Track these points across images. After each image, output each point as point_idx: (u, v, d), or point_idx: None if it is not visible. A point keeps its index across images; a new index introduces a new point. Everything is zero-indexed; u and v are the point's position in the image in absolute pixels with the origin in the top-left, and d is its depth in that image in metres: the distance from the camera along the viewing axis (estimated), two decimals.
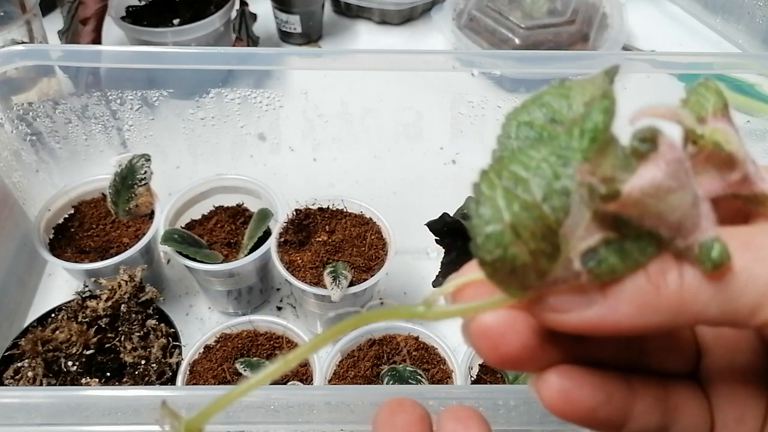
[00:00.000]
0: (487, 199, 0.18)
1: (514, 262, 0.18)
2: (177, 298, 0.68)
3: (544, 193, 0.17)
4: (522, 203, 0.17)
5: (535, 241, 0.18)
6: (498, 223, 0.18)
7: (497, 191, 0.18)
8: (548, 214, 0.17)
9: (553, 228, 0.17)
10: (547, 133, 0.20)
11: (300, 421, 0.38)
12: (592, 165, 0.17)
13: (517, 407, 0.37)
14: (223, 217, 0.67)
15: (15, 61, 0.57)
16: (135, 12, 0.87)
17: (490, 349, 0.20)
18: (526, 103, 0.21)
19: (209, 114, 0.65)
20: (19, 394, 0.39)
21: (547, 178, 0.17)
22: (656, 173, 0.17)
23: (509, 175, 0.18)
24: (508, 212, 0.18)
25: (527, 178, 0.18)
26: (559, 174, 0.17)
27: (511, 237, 0.18)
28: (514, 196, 0.18)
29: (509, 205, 0.18)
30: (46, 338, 0.53)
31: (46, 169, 0.67)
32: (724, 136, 0.19)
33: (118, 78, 0.62)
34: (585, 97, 0.20)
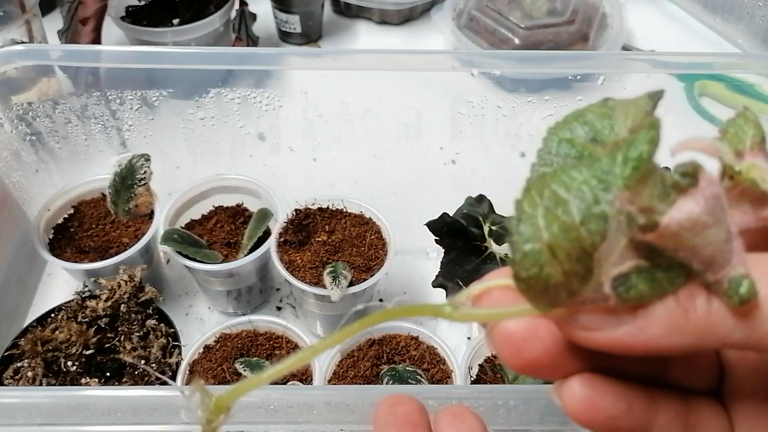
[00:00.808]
0: (528, 217, 0.18)
1: (548, 280, 0.18)
2: (177, 298, 0.68)
3: (583, 216, 0.18)
4: (561, 225, 0.18)
5: (570, 263, 0.18)
6: (537, 242, 0.18)
7: (538, 210, 0.18)
8: (585, 237, 0.18)
9: (588, 251, 0.18)
10: (588, 152, 0.20)
11: (300, 421, 0.38)
12: (632, 193, 0.17)
13: (516, 407, 0.37)
14: (223, 217, 0.67)
15: (14, 60, 0.57)
16: (135, 12, 0.87)
17: (512, 354, 0.21)
18: (568, 119, 0.22)
19: (209, 114, 0.65)
20: (18, 394, 0.39)
21: (587, 202, 0.18)
22: (694, 208, 0.17)
23: (550, 194, 0.18)
24: (547, 232, 0.18)
25: (567, 199, 0.18)
26: (599, 198, 0.18)
27: (547, 257, 0.18)
28: (554, 216, 0.18)
29: (549, 225, 0.18)
30: (46, 338, 0.53)
31: (45, 169, 0.67)
32: (761, 173, 0.19)
33: (117, 78, 0.62)
34: (628, 119, 0.20)
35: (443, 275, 0.58)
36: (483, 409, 0.37)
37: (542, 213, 0.18)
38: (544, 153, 0.21)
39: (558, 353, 0.21)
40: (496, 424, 0.38)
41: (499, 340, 0.21)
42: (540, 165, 0.21)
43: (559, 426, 0.38)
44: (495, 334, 0.21)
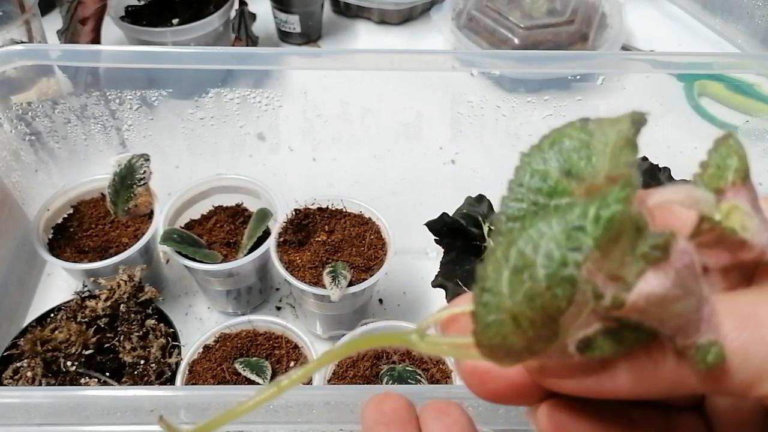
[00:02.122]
0: (492, 285, 0.18)
1: (511, 347, 0.18)
2: (176, 298, 0.68)
3: (549, 280, 0.17)
4: (526, 291, 0.17)
5: (534, 329, 0.17)
6: (500, 312, 0.18)
7: (503, 275, 0.17)
8: (551, 304, 0.17)
9: (553, 317, 0.17)
10: (561, 189, 0.19)
11: (299, 421, 0.38)
12: (602, 253, 0.17)
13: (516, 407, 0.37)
14: (223, 217, 0.67)
15: (14, 60, 0.57)
16: (134, 12, 0.87)
17: (477, 385, 0.21)
18: (542, 146, 0.20)
19: (208, 114, 0.66)
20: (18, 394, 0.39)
21: (554, 263, 0.17)
22: (664, 283, 0.17)
23: (517, 255, 0.17)
24: (511, 301, 0.17)
25: (534, 260, 0.17)
26: (567, 260, 0.17)
27: (511, 327, 0.18)
28: (520, 282, 0.17)
29: (513, 293, 0.17)
30: (46, 338, 0.53)
31: (45, 169, 0.67)
32: (741, 219, 0.19)
33: (117, 78, 0.62)
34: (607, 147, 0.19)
35: (443, 275, 0.58)
36: (482, 409, 0.37)
37: (507, 279, 0.17)
38: (515, 185, 0.20)
39: (524, 384, 0.20)
40: (496, 424, 0.38)
41: (464, 371, 0.21)
42: (510, 199, 0.20)
43: None
44: (461, 364, 0.21)
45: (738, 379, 0.18)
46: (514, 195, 0.20)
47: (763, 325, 0.18)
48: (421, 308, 0.67)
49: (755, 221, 0.18)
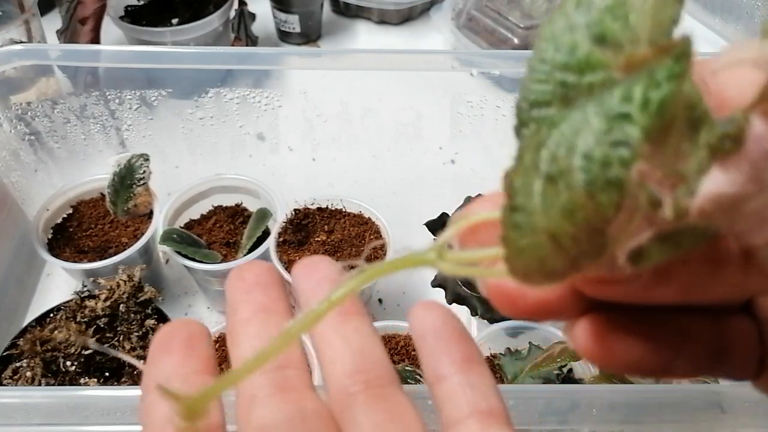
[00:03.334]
0: (523, 200, 0.15)
1: (551, 270, 0.15)
2: (176, 298, 0.68)
3: (591, 187, 0.14)
4: (564, 204, 0.14)
5: (577, 247, 0.15)
6: (535, 234, 0.15)
7: (534, 187, 0.14)
8: (595, 215, 0.14)
9: (600, 229, 0.14)
10: (595, 60, 0.15)
11: None
12: (654, 146, 0.13)
13: (515, 407, 0.37)
14: (222, 217, 0.67)
15: (13, 60, 0.57)
16: (134, 11, 0.87)
17: (507, 305, 0.19)
18: (566, 8, 0.16)
19: (208, 114, 0.65)
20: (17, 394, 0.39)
21: (595, 165, 0.14)
22: (737, 179, 0.14)
23: (549, 159, 0.14)
24: (546, 218, 0.14)
25: (570, 165, 0.14)
26: (610, 160, 0.13)
27: (549, 248, 0.15)
28: (555, 193, 0.14)
29: (548, 208, 0.14)
30: (45, 338, 0.53)
31: (44, 169, 0.67)
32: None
33: (116, 78, 0.62)
34: (647, 1, 0.15)
35: (442, 275, 0.58)
36: None
37: (540, 191, 0.14)
38: (537, 62, 0.16)
39: (560, 298, 0.18)
40: None
41: (491, 292, 0.19)
42: (532, 80, 0.16)
43: (558, 425, 0.38)
44: (486, 283, 0.19)
45: None
46: (537, 75, 0.16)
47: None
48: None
49: None
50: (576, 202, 0.14)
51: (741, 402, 0.37)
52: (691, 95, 0.14)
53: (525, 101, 0.16)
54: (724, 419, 0.37)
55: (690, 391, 0.40)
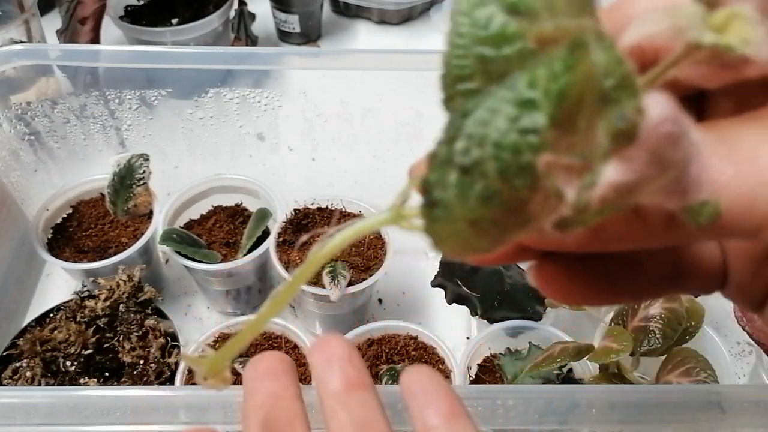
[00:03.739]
0: (440, 193, 0.15)
1: (479, 248, 0.16)
2: (176, 298, 0.68)
3: (504, 174, 0.14)
4: (480, 193, 0.14)
5: (499, 227, 0.15)
6: (455, 223, 0.15)
7: (448, 180, 0.15)
8: (511, 198, 0.14)
9: (519, 208, 0.15)
10: (511, 32, 0.15)
11: None
12: (561, 131, 0.14)
13: (515, 407, 0.37)
14: (222, 217, 0.67)
15: (13, 60, 0.57)
16: (133, 11, 0.87)
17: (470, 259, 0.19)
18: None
19: (208, 114, 0.65)
20: (17, 394, 0.39)
21: (506, 153, 0.14)
22: (635, 167, 0.14)
23: (462, 149, 0.14)
24: (463, 208, 0.15)
25: (482, 156, 0.14)
26: (520, 147, 0.14)
27: (471, 233, 0.15)
28: (470, 182, 0.14)
29: (464, 198, 0.15)
30: (45, 338, 0.53)
31: (44, 169, 0.67)
32: (741, 32, 0.14)
33: (116, 77, 0.62)
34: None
35: (442, 275, 0.58)
36: (482, 409, 0.37)
37: (454, 183, 0.15)
38: (455, 36, 0.16)
39: (515, 249, 0.19)
40: (495, 423, 0.38)
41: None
42: (452, 55, 0.16)
43: (557, 426, 0.38)
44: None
45: (742, 229, 0.15)
46: (456, 50, 0.16)
47: (766, 171, 0.15)
48: (421, 308, 0.67)
49: (761, 31, 0.14)
50: (492, 188, 0.14)
51: (741, 402, 0.37)
52: (606, 63, 0.14)
53: (448, 77, 0.16)
54: (724, 419, 0.37)
55: (690, 391, 0.40)
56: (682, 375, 0.46)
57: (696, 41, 0.15)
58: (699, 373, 0.46)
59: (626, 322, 0.49)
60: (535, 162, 0.14)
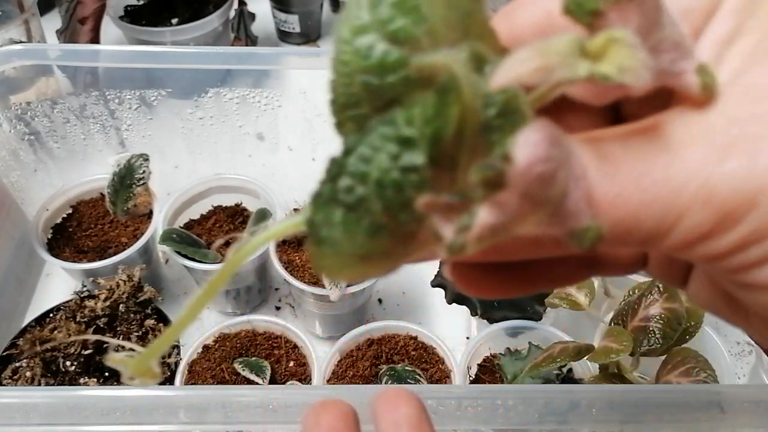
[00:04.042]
0: (325, 231, 0.15)
1: (376, 274, 0.16)
2: (175, 298, 0.68)
3: (389, 210, 0.14)
4: (367, 229, 0.14)
5: (392, 258, 0.15)
6: (345, 258, 0.15)
7: (334, 218, 0.14)
8: (399, 231, 0.14)
9: (407, 238, 0.15)
10: (393, 61, 0.14)
11: (299, 421, 0.38)
12: (440, 168, 0.14)
13: (515, 407, 0.37)
14: (222, 217, 0.67)
15: (13, 60, 0.57)
16: (133, 11, 0.87)
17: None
18: (359, 2, 0.15)
19: (208, 114, 0.65)
20: (17, 394, 0.39)
21: (389, 192, 0.14)
22: (508, 209, 0.14)
23: (346, 188, 0.14)
24: (352, 244, 0.15)
25: (366, 194, 0.14)
26: (402, 185, 0.14)
27: (364, 265, 0.15)
28: (356, 219, 0.14)
29: (352, 235, 0.14)
30: (45, 338, 0.53)
31: (44, 169, 0.67)
32: (619, 59, 0.14)
33: (116, 77, 0.62)
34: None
35: (442, 275, 0.58)
36: (482, 409, 0.37)
37: (340, 221, 0.14)
38: (339, 64, 0.15)
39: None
40: (495, 423, 0.38)
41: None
42: (337, 83, 0.15)
43: (557, 425, 0.38)
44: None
45: (628, 244, 0.16)
46: (341, 79, 0.15)
47: (648, 191, 0.15)
48: (420, 308, 0.67)
49: (640, 56, 0.14)
50: (378, 224, 0.14)
51: (740, 402, 0.37)
52: (484, 93, 0.13)
53: (336, 103, 0.16)
54: (723, 419, 0.37)
55: (690, 391, 0.40)
56: (682, 375, 0.46)
57: (568, 78, 0.14)
58: (699, 373, 0.46)
59: (626, 322, 0.49)
60: (417, 197, 0.14)
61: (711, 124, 0.15)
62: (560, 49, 0.14)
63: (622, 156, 0.15)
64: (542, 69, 0.14)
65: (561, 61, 0.14)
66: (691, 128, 0.15)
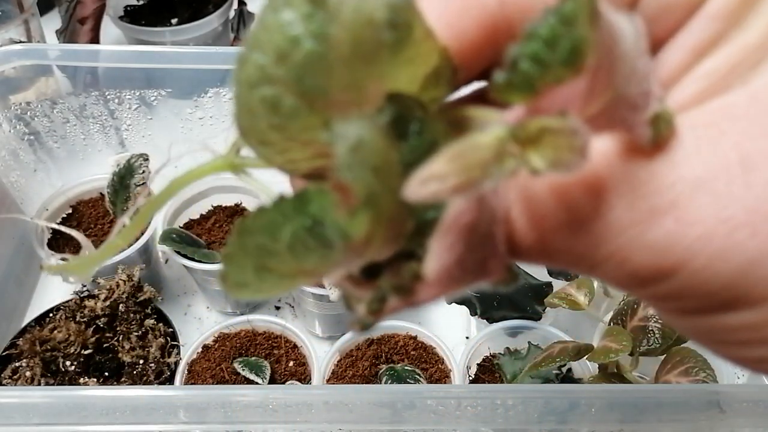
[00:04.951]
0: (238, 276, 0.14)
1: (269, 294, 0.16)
2: (175, 298, 0.68)
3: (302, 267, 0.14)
4: (280, 277, 0.14)
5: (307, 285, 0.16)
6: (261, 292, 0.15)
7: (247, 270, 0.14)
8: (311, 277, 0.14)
9: (320, 278, 0.15)
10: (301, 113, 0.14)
11: (298, 421, 0.38)
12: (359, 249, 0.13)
13: (515, 406, 0.37)
14: (222, 217, 0.67)
15: (13, 60, 0.57)
16: (133, 11, 0.87)
17: None
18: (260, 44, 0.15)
19: (207, 114, 0.65)
20: (17, 393, 0.39)
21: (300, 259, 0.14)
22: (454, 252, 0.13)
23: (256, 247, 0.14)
24: (266, 288, 0.14)
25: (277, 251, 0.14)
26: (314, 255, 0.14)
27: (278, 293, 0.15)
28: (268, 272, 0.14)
29: (263, 283, 0.14)
30: (44, 338, 0.53)
31: (44, 169, 0.67)
32: (553, 151, 0.12)
33: (116, 77, 0.62)
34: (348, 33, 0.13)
35: None
36: (481, 409, 0.37)
37: (253, 271, 0.14)
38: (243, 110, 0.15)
39: None
40: (495, 423, 0.38)
41: None
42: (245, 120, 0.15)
43: (557, 425, 0.38)
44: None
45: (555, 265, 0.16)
46: (250, 121, 0.15)
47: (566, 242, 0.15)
48: (420, 308, 0.67)
49: (577, 143, 0.12)
50: (288, 272, 0.14)
51: (739, 401, 0.37)
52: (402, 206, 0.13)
53: (245, 137, 0.15)
54: (722, 418, 0.37)
55: (689, 391, 0.40)
56: (681, 374, 0.46)
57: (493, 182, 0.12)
58: (698, 372, 0.46)
59: (625, 322, 0.49)
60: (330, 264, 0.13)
61: (648, 180, 0.14)
62: (484, 157, 0.12)
63: (549, 206, 0.14)
64: (463, 186, 0.12)
65: (484, 172, 0.12)
66: (628, 183, 0.14)
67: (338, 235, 0.13)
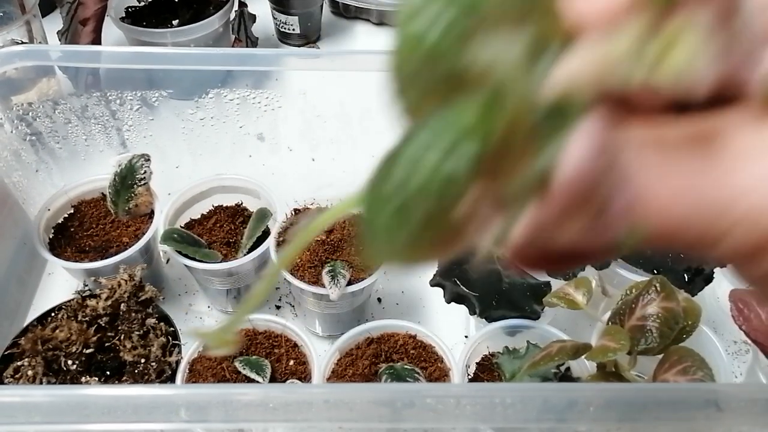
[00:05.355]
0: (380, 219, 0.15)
1: (416, 264, 0.16)
2: (176, 297, 0.68)
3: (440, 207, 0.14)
4: (417, 222, 0.15)
5: (437, 249, 0.15)
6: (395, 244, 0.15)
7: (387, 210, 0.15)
8: (447, 224, 0.14)
9: (455, 232, 0.15)
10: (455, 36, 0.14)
11: (298, 420, 0.38)
12: (490, 165, 0.14)
13: (514, 405, 0.37)
14: (223, 217, 0.67)
15: (15, 61, 0.57)
16: (134, 13, 0.87)
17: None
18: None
19: (208, 114, 0.66)
20: (19, 392, 0.40)
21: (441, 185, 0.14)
22: (549, 215, 0.14)
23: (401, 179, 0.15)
24: (404, 233, 0.15)
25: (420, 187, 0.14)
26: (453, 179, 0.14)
27: (409, 253, 0.16)
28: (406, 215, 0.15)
29: (402, 228, 0.15)
30: (46, 337, 0.54)
31: (45, 169, 0.68)
32: (687, 53, 0.12)
33: (117, 78, 0.63)
34: None
35: (441, 274, 0.58)
36: (480, 407, 0.37)
37: (393, 213, 0.15)
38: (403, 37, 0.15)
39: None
40: (494, 422, 0.38)
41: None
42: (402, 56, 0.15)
43: (555, 423, 0.38)
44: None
45: (675, 246, 0.16)
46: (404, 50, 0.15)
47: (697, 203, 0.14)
48: (419, 307, 0.67)
49: (710, 49, 0.12)
50: (429, 217, 0.14)
51: (737, 401, 0.37)
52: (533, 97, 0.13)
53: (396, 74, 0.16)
54: (720, 418, 0.37)
55: (687, 390, 0.40)
56: (679, 374, 0.46)
57: (624, 83, 0.13)
58: (696, 371, 0.46)
59: (623, 321, 0.50)
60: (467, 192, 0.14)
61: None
62: (622, 52, 0.13)
63: (677, 162, 0.15)
64: (599, 76, 0.13)
65: (621, 66, 0.13)
66: (753, 140, 0.14)
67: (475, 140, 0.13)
